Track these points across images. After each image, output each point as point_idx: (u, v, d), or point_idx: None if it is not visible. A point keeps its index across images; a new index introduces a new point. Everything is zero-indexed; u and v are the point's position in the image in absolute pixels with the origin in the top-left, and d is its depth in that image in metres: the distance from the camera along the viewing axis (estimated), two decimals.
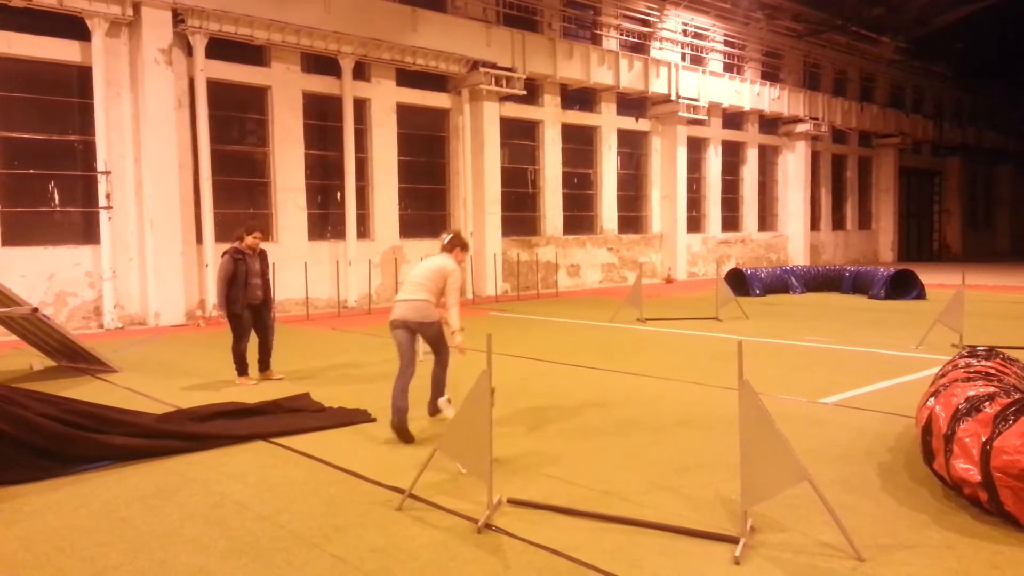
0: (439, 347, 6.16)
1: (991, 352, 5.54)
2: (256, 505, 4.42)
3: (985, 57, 33.28)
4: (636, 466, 5.05)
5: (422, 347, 7.55)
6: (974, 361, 5.28)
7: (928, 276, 17.32)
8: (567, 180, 21.13)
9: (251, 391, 7.61)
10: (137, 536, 4.01)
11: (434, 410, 6.27)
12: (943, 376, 5.09)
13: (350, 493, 4.60)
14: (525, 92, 19.02)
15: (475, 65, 17.98)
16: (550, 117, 20.44)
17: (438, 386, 6.24)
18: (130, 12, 13.31)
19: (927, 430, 4.59)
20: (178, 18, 13.81)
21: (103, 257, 13.27)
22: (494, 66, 18.20)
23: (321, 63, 16.04)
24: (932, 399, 4.70)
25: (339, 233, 16.42)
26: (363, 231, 16.88)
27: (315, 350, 10.47)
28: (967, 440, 4.14)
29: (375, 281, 16.67)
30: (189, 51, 14.13)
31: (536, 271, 19.82)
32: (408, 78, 17.47)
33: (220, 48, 14.55)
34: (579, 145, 21.56)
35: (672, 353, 9.89)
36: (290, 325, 13.27)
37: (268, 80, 15.39)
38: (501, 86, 18.32)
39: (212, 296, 14.10)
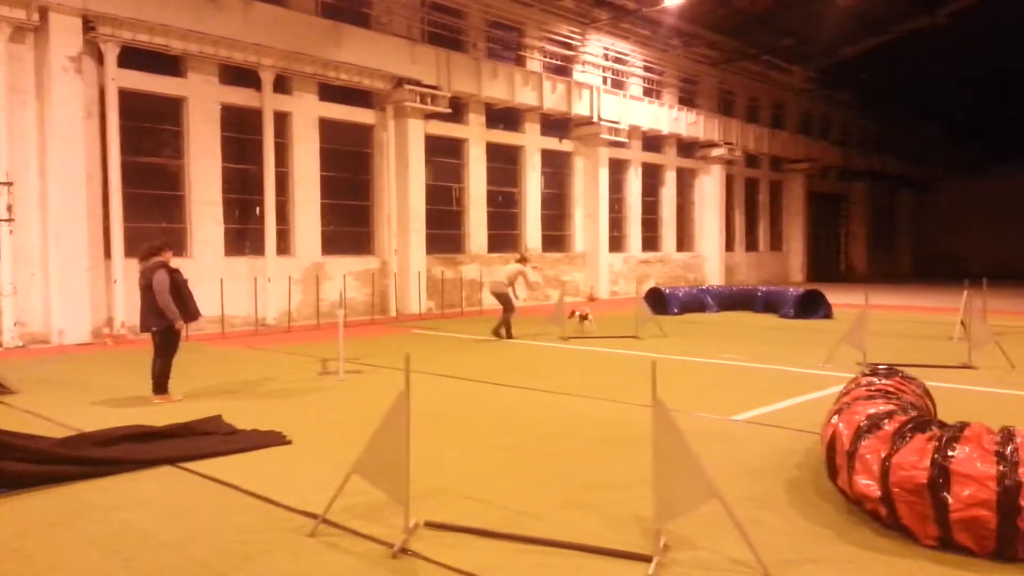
0: None
1: (891, 370, 5.81)
2: (161, 533, 4.24)
3: (887, 87, 35.23)
4: (554, 485, 5.08)
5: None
6: (875, 380, 5.52)
7: (835, 296, 18.09)
8: (492, 198, 21.24)
9: (160, 413, 7.32)
10: (31, 568, 3.78)
11: None
12: (846, 394, 5.31)
13: (261, 519, 4.46)
14: (450, 110, 19.07)
15: (400, 82, 17.93)
16: (475, 135, 20.54)
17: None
18: (36, 17, 12.74)
19: (831, 447, 4.77)
20: (88, 25, 13.30)
21: (3, 272, 12.57)
22: (419, 83, 18.20)
23: (241, 75, 15.70)
24: (836, 416, 4.90)
25: (258, 249, 16.03)
26: (283, 247, 16.52)
27: (229, 370, 10.15)
28: (868, 456, 4.33)
29: (295, 298, 16.32)
30: (101, 59, 13.61)
31: (460, 289, 19.79)
32: (331, 93, 17.28)
33: (134, 57, 14.07)
34: (504, 164, 21.72)
35: (592, 371, 10.02)
36: (204, 344, 12.84)
37: (184, 91, 14.96)
38: (426, 103, 18.32)
39: (121, 313, 13.53)
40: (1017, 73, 33.17)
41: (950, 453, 4.00)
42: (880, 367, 5.97)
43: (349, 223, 18.21)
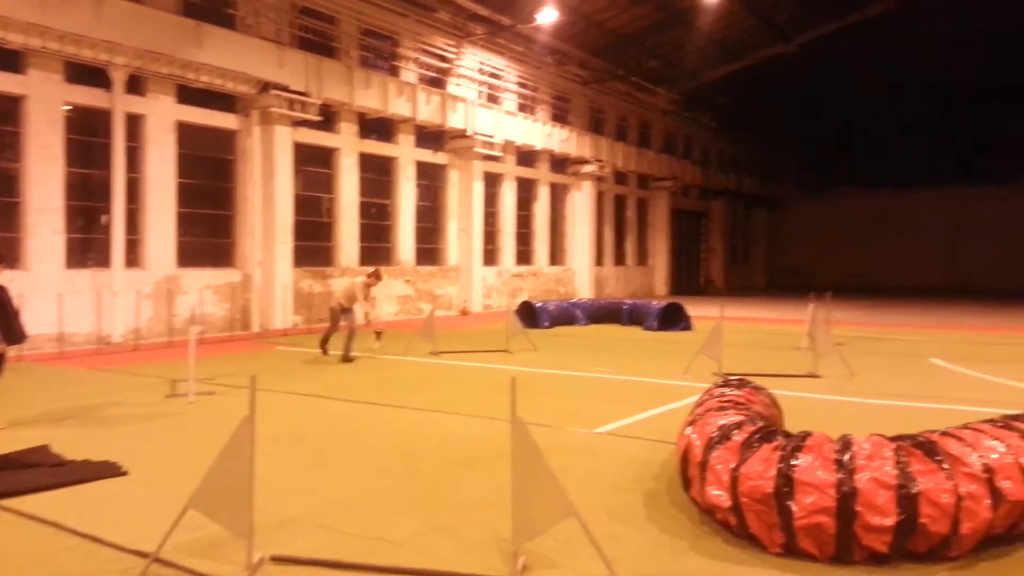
0: None
1: (742, 381, 6.05)
2: None
3: (743, 111, 37.49)
4: (414, 508, 4.92)
5: None
6: (727, 391, 5.72)
7: (695, 309, 18.90)
8: (364, 210, 20.81)
9: None
10: None
11: None
12: (700, 405, 5.46)
13: (85, 561, 4.04)
14: (321, 118, 18.53)
15: (266, 87, 17.25)
16: (347, 145, 20.08)
17: None
18: None
19: (685, 458, 4.88)
20: None
21: None
22: (287, 89, 17.58)
23: (89, 74, 14.58)
24: (690, 428, 5.01)
25: (104, 260, 14.87)
26: (133, 259, 15.41)
27: (65, 393, 9.30)
28: (718, 467, 4.45)
29: (145, 314, 15.27)
30: None
31: (330, 303, 19.17)
32: (191, 95, 16.38)
33: None
34: (377, 175, 21.35)
35: (461, 387, 9.92)
36: (38, 364, 11.75)
37: (24, 89, 13.72)
38: (295, 110, 17.71)
39: None
40: (855, 102, 36.17)
41: (794, 462, 4.16)
42: (732, 378, 6.20)
43: (208, 234, 17.28)
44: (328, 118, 19.32)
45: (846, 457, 4.12)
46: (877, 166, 42.91)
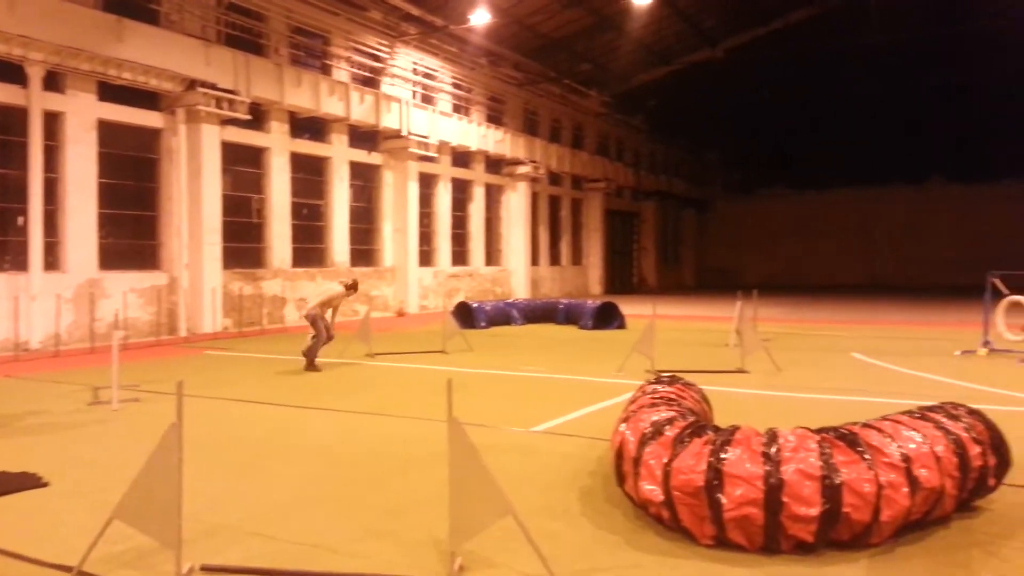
0: None
1: (673, 378, 6.19)
2: None
3: (672, 115, 38.32)
4: (350, 513, 4.87)
5: None
6: (659, 387, 5.84)
7: (628, 307, 19.21)
8: (296, 211, 20.44)
9: None
10: None
11: None
12: (633, 402, 5.57)
13: None
14: (250, 117, 18.12)
15: (192, 84, 16.77)
16: (278, 144, 19.68)
17: None
18: None
19: (619, 454, 4.96)
20: None
21: None
22: (214, 87, 17.13)
23: (3, 70, 13.91)
24: (623, 424, 5.10)
25: (20, 264, 14.21)
26: (52, 262, 14.78)
27: None
28: (651, 462, 4.54)
29: (66, 319, 14.66)
30: None
31: (261, 305, 18.81)
32: (113, 93, 15.79)
33: None
34: (309, 175, 21.00)
35: (397, 389, 9.85)
36: None
37: None
38: (222, 108, 17.28)
39: None
40: (778, 106, 37.36)
41: (723, 455, 4.28)
42: (664, 375, 6.34)
43: (132, 235, 16.70)
44: (258, 117, 18.92)
45: (773, 450, 4.26)
46: (799, 168, 44.52)
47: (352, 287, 12.04)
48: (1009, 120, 35.23)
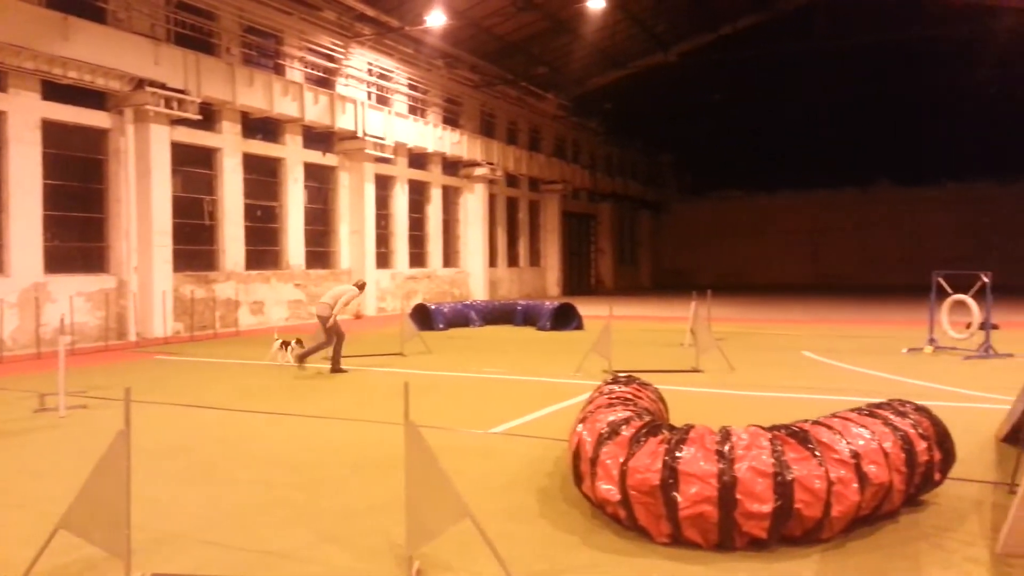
0: None
1: (629, 378, 6.25)
2: None
3: (627, 117, 38.70)
4: (305, 519, 4.80)
5: None
6: (615, 388, 5.89)
7: (585, 308, 19.33)
8: (250, 212, 20.11)
9: None
10: None
11: None
12: (590, 403, 5.60)
13: None
14: (200, 117, 17.78)
15: (141, 83, 16.39)
16: (230, 145, 19.34)
17: None
18: None
19: (577, 454, 4.99)
20: None
21: None
22: (163, 86, 16.76)
23: None
24: (581, 425, 5.13)
25: None
26: None
27: None
28: (608, 462, 4.57)
29: (10, 324, 14.19)
30: None
31: (214, 309, 18.45)
32: (58, 92, 15.34)
33: None
34: (263, 176, 20.68)
35: (354, 392, 9.76)
36: None
37: None
38: (172, 108, 16.91)
39: None
40: (729, 109, 38.00)
41: (678, 454, 4.33)
42: (621, 375, 6.40)
43: (79, 238, 16.24)
44: (209, 117, 18.58)
45: (726, 448, 4.32)
46: (750, 171, 45.40)
47: (362, 286, 12.09)
48: (951, 125, 36.45)
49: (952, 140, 37.77)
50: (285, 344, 12.24)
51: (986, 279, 12.53)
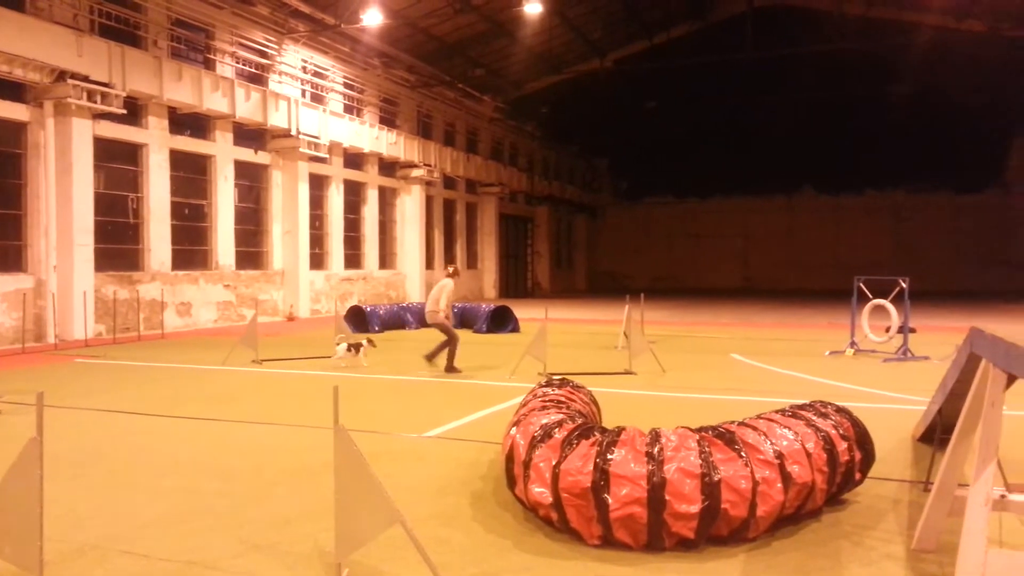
0: None
1: (563, 381, 6.29)
2: None
3: (564, 122, 39.05)
4: (231, 527, 4.67)
5: None
6: (549, 391, 5.93)
7: (522, 311, 19.39)
8: (177, 211, 19.50)
9: None
10: None
11: None
12: (524, 405, 5.62)
13: None
14: (125, 111, 17.17)
15: (62, 75, 15.72)
16: (156, 141, 18.72)
17: None
18: None
19: (510, 458, 4.99)
20: None
21: None
22: (86, 79, 16.12)
23: None
24: (514, 428, 5.14)
25: None
26: None
27: None
28: (541, 465, 4.59)
29: None
30: None
31: (138, 310, 17.82)
32: None
33: None
34: (191, 174, 20.09)
35: (285, 396, 9.55)
36: None
37: None
38: (95, 102, 16.27)
39: None
40: (662, 116, 38.73)
41: (609, 456, 4.38)
42: (555, 378, 6.44)
43: None
44: (134, 112, 17.98)
45: (656, 449, 4.39)
46: (682, 177, 46.46)
47: (455, 273, 12.08)
48: (872, 136, 37.98)
49: (872, 150, 39.39)
50: (355, 347, 11.91)
51: (904, 284, 13.10)
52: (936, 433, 5.85)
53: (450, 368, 11.18)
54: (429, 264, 30.95)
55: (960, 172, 40.88)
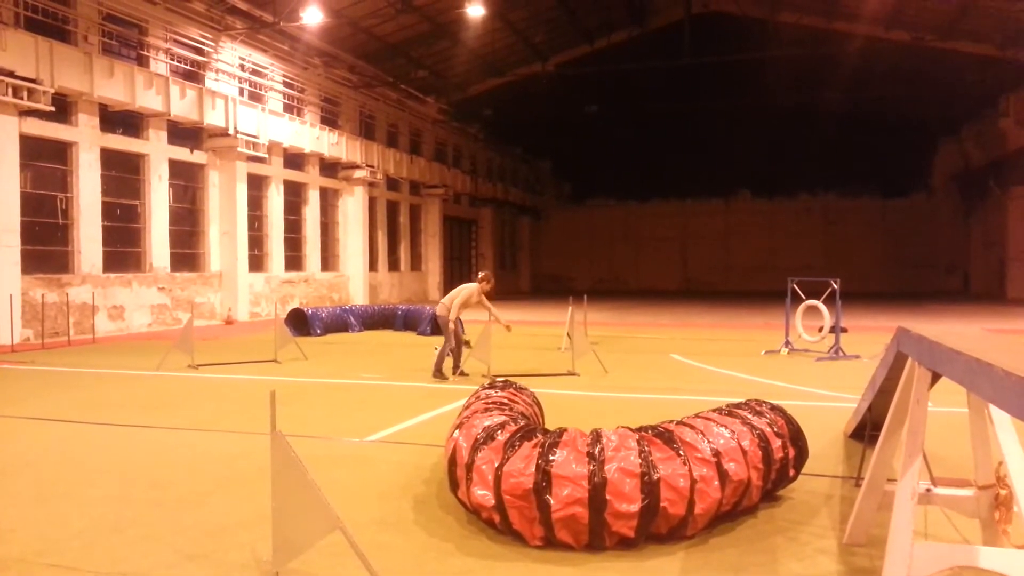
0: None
1: (506, 383, 6.29)
2: None
3: (508, 124, 39.15)
4: (164, 537, 4.53)
5: None
6: (492, 392, 5.92)
7: (467, 313, 19.23)
8: (108, 211, 18.86)
9: None
10: None
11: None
12: (467, 408, 5.60)
13: None
14: (53, 108, 16.53)
15: None
16: (86, 139, 18.08)
17: None
18: None
19: (452, 460, 4.96)
20: None
21: None
22: (11, 74, 15.48)
23: None
24: (457, 430, 5.11)
25: None
26: None
27: None
28: (483, 467, 4.58)
29: None
30: None
31: (68, 314, 17.16)
32: None
33: None
34: (123, 173, 19.47)
35: (224, 402, 9.32)
36: None
37: None
38: (21, 98, 15.64)
39: None
40: (602, 120, 39.14)
41: (551, 457, 4.40)
42: (498, 379, 6.44)
43: None
44: (63, 109, 17.35)
45: (597, 449, 4.42)
46: (623, 180, 47.10)
47: (487, 279, 11.46)
48: (804, 141, 39.07)
49: (805, 155, 40.56)
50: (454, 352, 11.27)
51: (835, 285, 13.53)
52: (866, 430, 6.04)
53: (437, 372, 10.88)
54: (373, 266, 30.65)
55: (888, 177, 42.53)
